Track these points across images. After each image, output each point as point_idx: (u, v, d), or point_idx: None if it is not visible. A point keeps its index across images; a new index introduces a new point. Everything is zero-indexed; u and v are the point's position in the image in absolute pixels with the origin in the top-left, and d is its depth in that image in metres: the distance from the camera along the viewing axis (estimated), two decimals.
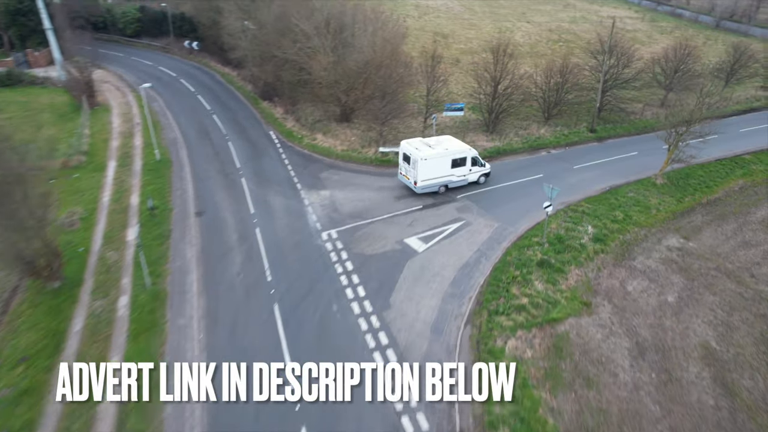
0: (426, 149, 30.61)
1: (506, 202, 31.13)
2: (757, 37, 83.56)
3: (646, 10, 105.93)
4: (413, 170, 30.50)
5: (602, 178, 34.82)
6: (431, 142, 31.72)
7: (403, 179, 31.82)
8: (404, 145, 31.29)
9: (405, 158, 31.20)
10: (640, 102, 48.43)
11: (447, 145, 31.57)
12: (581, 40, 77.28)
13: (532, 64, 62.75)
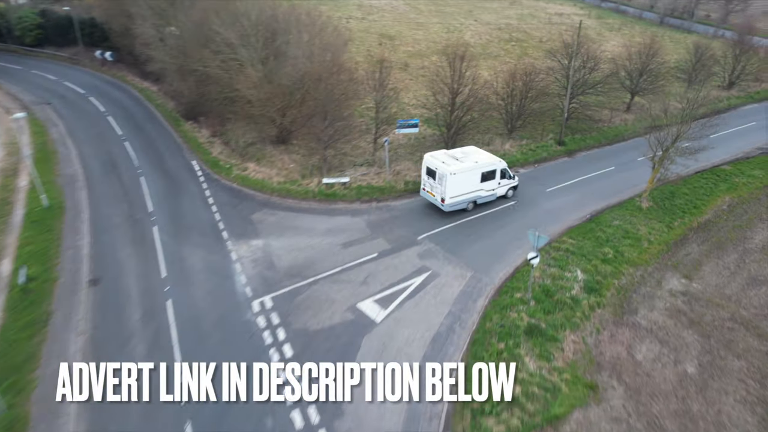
0: (453, 162, 27.40)
1: (476, 240, 25.93)
2: (700, 33, 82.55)
3: (591, 7, 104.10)
4: (440, 186, 27.26)
5: (581, 203, 30.25)
6: (457, 154, 28.67)
7: (427, 196, 28.50)
8: (428, 158, 27.99)
9: (429, 173, 27.89)
10: (605, 107, 44.52)
11: (475, 157, 28.50)
12: (533, 39, 73.66)
13: (487, 67, 58.29)
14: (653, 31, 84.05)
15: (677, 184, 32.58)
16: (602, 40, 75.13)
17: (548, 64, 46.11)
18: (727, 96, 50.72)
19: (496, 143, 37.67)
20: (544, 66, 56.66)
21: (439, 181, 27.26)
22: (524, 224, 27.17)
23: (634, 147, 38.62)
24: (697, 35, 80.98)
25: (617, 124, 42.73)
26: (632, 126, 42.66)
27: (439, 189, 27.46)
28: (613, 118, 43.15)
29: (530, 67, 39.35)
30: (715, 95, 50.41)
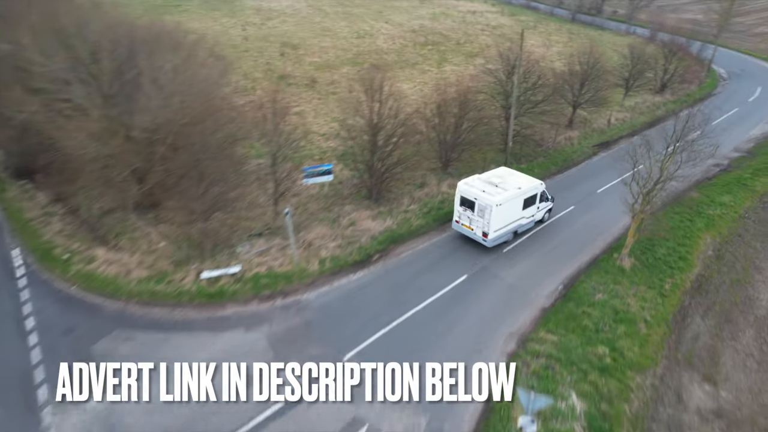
0: (495, 190, 23.86)
1: (423, 350, 18.10)
2: (612, 30, 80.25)
3: (502, 4, 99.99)
4: (481, 219, 23.73)
5: (547, 267, 23.32)
6: (492, 178, 25.11)
7: (463, 230, 24.76)
8: (464, 187, 24.30)
9: (466, 203, 24.20)
10: (546, 122, 38.34)
11: (515, 181, 25.12)
12: (450, 41, 67.22)
13: (406, 78, 50.78)
14: (568, 28, 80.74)
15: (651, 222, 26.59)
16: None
17: (465, 66, 39.42)
18: (663, 101, 46.53)
19: (431, 183, 30.09)
20: (470, 75, 50.03)
21: (480, 213, 23.62)
22: (485, 316, 19.79)
23: (589, 174, 32.67)
24: (610, 32, 78.47)
25: (563, 145, 36.66)
26: (579, 145, 36.79)
27: (480, 222, 23.77)
28: (557, 137, 37.05)
29: (463, 89, 32.00)
30: (651, 101, 46.06)
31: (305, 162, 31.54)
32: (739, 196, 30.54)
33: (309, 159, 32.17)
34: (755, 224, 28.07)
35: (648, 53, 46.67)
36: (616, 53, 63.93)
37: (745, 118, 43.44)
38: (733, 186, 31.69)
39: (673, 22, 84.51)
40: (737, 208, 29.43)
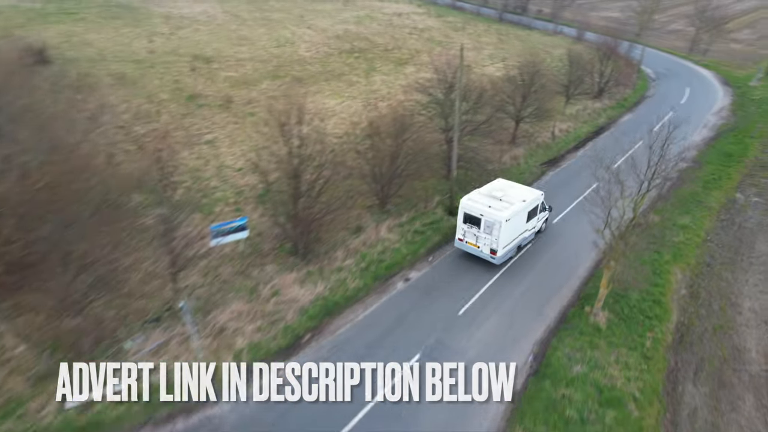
0: (501, 205, 22.82)
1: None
2: (540, 29, 79.08)
3: (427, 5, 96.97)
4: (489, 236, 22.64)
5: (512, 331, 19.43)
6: (494, 192, 23.97)
7: (468, 248, 23.54)
8: (468, 203, 23.17)
9: (470, 220, 23.05)
10: (487, 140, 34.81)
11: (517, 194, 24.09)
12: (377, 47, 62.97)
13: (333, 93, 45.96)
14: (497, 28, 78.70)
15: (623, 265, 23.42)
16: (450, 42, 67.13)
17: (395, 76, 35.39)
18: (602, 107, 44.46)
19: (369, 227, 25.55)
20: (402, 87, 46.06)
21: (487, 229, 22.57)
22: (448, 420, 15.60)
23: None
24: (538, 32, 77.15)
25: (509, 165, 33.26)
26: (526, 164, 33.53)
27: (487, 239, 22.64)
28: (502, 157, 33.63)
29: (398, 114, 27.74)
30: (591, 108, 43.88)
31: (216, 209, 26.20)
32: (698, 216, 28.22)
33: (221, 203, 26.82)
34: (720, 249, 25.72)
35: (585, 58, 44.47)
36: (549, 55, 62.19)
37: (681, 123, 41.96)
38: (690, 204, 29.41)
39: (596, 20, 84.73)
40: (698, 230, 27.02)
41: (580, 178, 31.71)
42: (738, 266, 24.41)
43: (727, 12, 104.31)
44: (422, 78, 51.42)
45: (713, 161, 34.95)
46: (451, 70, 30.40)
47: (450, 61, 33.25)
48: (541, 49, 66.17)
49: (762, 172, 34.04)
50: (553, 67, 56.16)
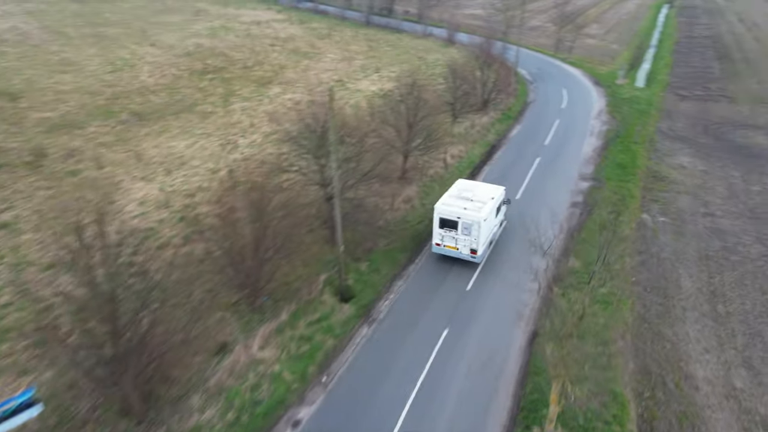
0: (475, 206, 22.69)
1: None
2: (409, 32, 75.31)
3: (288, 10, 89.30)
4: (467, 237, 22.32)
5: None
6: (463, 193, 23.74)
7: (447, 251, 23.07)
8: (442, 207, 22.74)
9: (447, 224, 22.60)
10: (374, 180, 29.06)
11: (485, 193, 24.10)
12: (236, 65, 54.61)
13: (182, 132, 37.33)
14: (365, 33, 73.50)
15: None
16: (317, 53, 60.66)
17: (253, 98, 28.52)
18: (490, 121, 40.84)
19: (236, 341, 18.51)
20: (266, 114, 38.91)
21: (465, 231, 22.39)
22: None
23: (443, 256, 24.17)
24: (407, 35, 73.24)
25: (403, 211, 27.79)
26: (422, 206, 28.30)
27: (466, 240, 22.50)
28: (394, 201, 28.09)
29: (260, 182, 20.89)
30: (479, 123, 40.05)
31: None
32: (617, 252, 24.92)
33: (10, 337, 18.13)
34: (649, 294, 22.49)
35: (465, 68, 40.53)
36: (423, 62, 58.21)
37: (570, 132, 39.86)
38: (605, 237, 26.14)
39: (462, 19, 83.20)
40: (622, 272, 23.64)
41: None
42: (673, 315, 21.20)
43: (576, 7, 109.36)
44: (290, 100, 44.56)
45: (611, 176, 32.55)
46: (322, 111, 24.07)
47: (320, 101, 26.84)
48: (414, 54, 62.23)
49: (657, 184, 32.26)
50: (430, 76, 52.18)
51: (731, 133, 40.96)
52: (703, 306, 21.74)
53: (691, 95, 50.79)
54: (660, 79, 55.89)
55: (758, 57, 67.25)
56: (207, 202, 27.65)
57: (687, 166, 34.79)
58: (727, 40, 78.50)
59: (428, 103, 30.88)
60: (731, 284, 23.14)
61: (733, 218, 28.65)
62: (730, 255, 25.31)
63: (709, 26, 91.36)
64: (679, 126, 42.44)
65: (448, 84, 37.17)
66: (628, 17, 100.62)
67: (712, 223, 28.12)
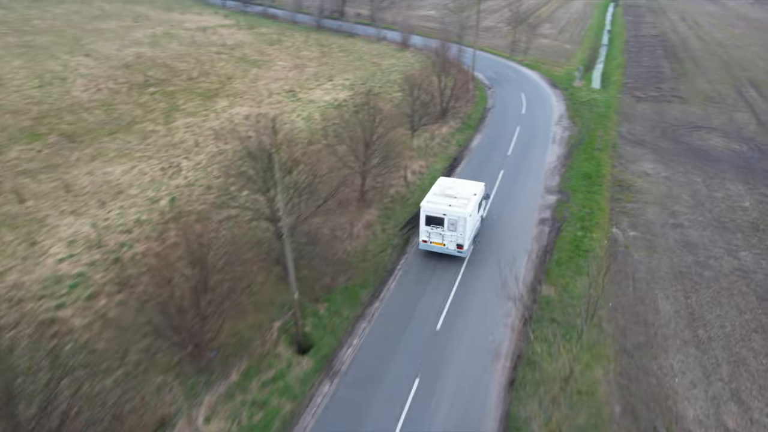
0: (459, 202, 23.37)
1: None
2: (362, 36, 72.97)
3: (236, 14, 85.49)
4: (453, 233, 23.02)
5: None
6: (446, 191, 24.39)
7: (433, 248, 23.67)
8: (427, 206, 23.35)
9: (433, 222, 23.14)
10: (331, 203, 26.72)
11: (467, 189, 24.77)
12: (180, 77, 51.03)
13: (119, 155, 33.84)
14: (316, 38, 70.70)
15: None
16: (267, 61, 57.66)
17: (200, 112, 25.80)
18: (450, 131, 39.18)
19: (180, 417, 15.95)
20: (212, 131, 36.02)
21: (452, 227, 23.00)
22: None
23: (411, 291, 22.19)
24: (361, 40, 70.92)
25: (363, 239, 25.58)
26: (383, 233, 26.21)
27: (452, 236, 23.14)
28: (353, 228, 25.88)
29: (196, 231, 18.28)
30: (439, 135, 38.30)
31: None
32: (592, 274, 23.56)
33: None
34: (628, 322, 21.17)
35: (422, 75, 38.70)
36: (378, 68, 56.09)
37: (532, 140, 38.68)
38: (577, 257, 24.78)
39: (415, 21, 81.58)
40: (600, 296, 22.28)
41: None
42: (655, 344, 19.95)
43: (527, 7, 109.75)
44: (237, 114, 41.51)
45: (578, 188, 31.43)
46: (267, 133, 21.65)
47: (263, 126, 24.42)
48: (368, 60, 60.05)
49: (624, 194, 31.35)
50: (386, 83, 50.19)
51: (688, 136, 40.78)
52: (684, 332, 20.59)
53: (646, 96, 50.76)
54: (615, 80, 55.79)
55: (704, 56, 68.53)
56: (146, 238, 24.83)
57: (651, 173, 34.10)
58: (673, 39, 79.99)
59: (385, 117, 28.79)
60: (708, 304, 22.16)
61: (701, 228, 27.94)
62: (703, 270, 24.42)
63: (655, 25, 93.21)
64: (638, 129, 42.01)
65: (406, 95, 35.15)
66: (578, 16, 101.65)
67: (682, 235, 27.29)
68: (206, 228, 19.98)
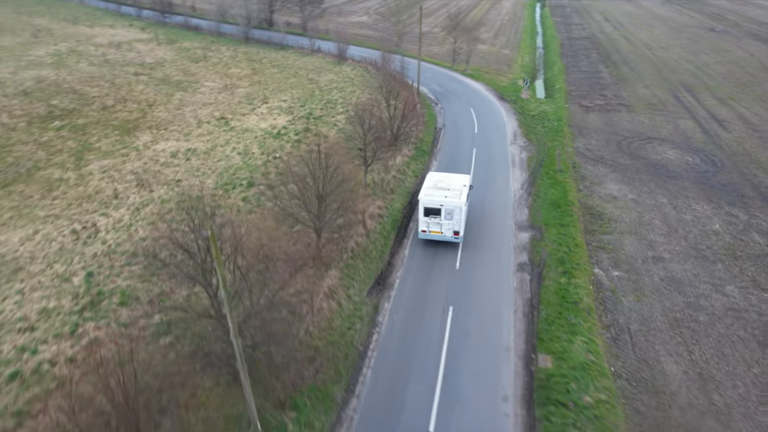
0: (453, 194, 25.85)
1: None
2: (295, 48, 68.10)
3: (153, 26, 78.03)
4: (450, 221, 25.57)
5: None
6: (439, 184, 26.82)
7: (432, 236, 26.20)
8: (426, 198, 25.60)
9: (431, 212, 25.53)
10: (283, 264, 22.58)
11: (457, 181, 27.38)
12: (92, 106, 44.57)
13: (13, 213, 27.81)
14: (245, 52, 65.16)
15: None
16: (194, 84, 51.94)
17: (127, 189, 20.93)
18: (404, 161, 35.74)
19: None
20: (132, 178, 30.76)
21: (448, 216, 25.45)
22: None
23: (391, 392, 18.62)
24: (294, 52, 66.14)
25: (327, 312, 21.66)
26: (348, 304, 22.41)
27: (449, 224, 25.64)
28: (314, 298, 21.89)
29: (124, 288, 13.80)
30: (394, 167, 34.79)
31: None
32: (587, 336, 21.04)
33: None
34: (636, 391, 18.75)
35: (371, 103, 35.07)
36: (317, 86, 51.81)
37: (490, 165, 36.12)
38: (566, 312, 22.19)
39: (349, 28, 77.72)
40: (601, 363, 19.73)
41: (427, 309, 22.19)
42: (673, 421, 17.60)
43: (458, 9, 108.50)
44: (164, 154, 35.81)
45: (549, 220, 29.10)
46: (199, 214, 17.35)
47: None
48: (304, 76, 55.65)
49: (597, 224, 29.36)
50: (326, 104, 46.17)
51: (643, 149, 39.82)
52: (698, 399, 18.40)
53: (593, 105, 49.92)
54: (559, 88, 54.77)
55: (635, 59, 69.49)
56: (55, 337, 19.75)
57: (618, 196, 32.44)
58: (603, 41, 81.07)
59: (332, 151, 25.02)
60: (714, 359, 20.19)
61: (682, 260, 26.29)
62: (697, 314, 22.57)
63: (583, 26, 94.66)
64: (594, 144, 40.63)
65: (355, 125, 31.37)
66: (510, 18, 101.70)
67: (665, 270, 25.47)
68: (133, 341, 15.50)
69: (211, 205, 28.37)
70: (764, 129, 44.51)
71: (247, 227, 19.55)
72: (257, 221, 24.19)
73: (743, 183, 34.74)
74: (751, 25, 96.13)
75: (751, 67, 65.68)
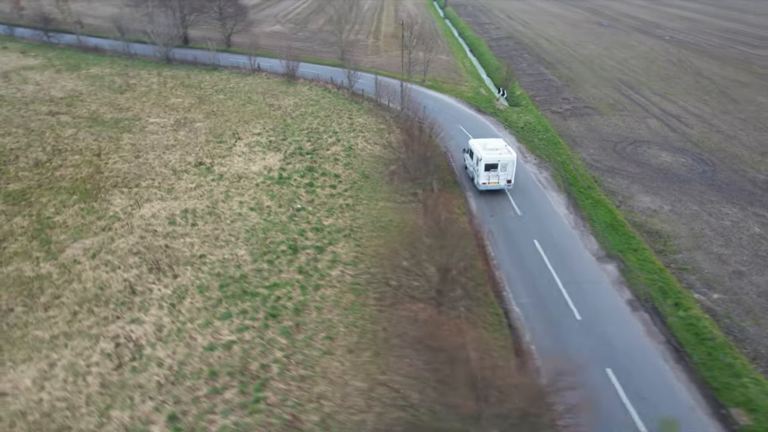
0: (504, 150, 32.82)
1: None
2: (230, 68, 61.07)
3: (38, 48, 65.48)
4: (504, 173, 32.38)
5: None
6: (488, 145, 33.48)
7: (490, 187, 32.83)
8: (487, 155, 32.08)
9: (490, 167, 32.11)
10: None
11: (499, 143, 34.06)
12: (17, 162, 35.32)
13: None
14: (171, 76, 56.77)
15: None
16: (136, 121, 43.83)
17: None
18: (443, 200, 32.92)
19: None
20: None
21: (503, 168, 32.18)
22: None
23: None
24: (231, 74, 58.98)
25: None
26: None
27: (503, 175, 32.40)
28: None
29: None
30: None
31: None
32: (747, 374, 20.28)
33: None
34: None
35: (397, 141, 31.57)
36: (282, 113, 46.07)
37: (521, 189, 34.01)
38: (717, 352, 21.26)
39: (265, 39, 71.79)
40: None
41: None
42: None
43: (362, 11, 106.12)
44: (157, 220, 28.68)
45: (620, 246, 28.18)
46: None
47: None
48: (261, 102, 49.74)
49: (659, 243, 29.08)
50: (311, 134, 41.38)
51: (638, 154, 41.05)
52: None
53: (563, 111, 50.85)
54: (520, 95, 55.05)
55: (563, 57, 72.71)
56: None
57: (655, 209, 32.70)
58: (524, 41, 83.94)
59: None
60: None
61: (759, 271, 26.81)
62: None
63: (496, 26, 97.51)
64: (594, 153, 41.05)
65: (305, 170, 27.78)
66: (422, 20, 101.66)
67: (752, 284, 25.75)
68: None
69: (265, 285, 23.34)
70: (715, 123, 48.35)
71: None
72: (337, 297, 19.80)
73: (741, 180, 37.03)
74: (627, 20, 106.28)
75: (660, 60, 71.95)
